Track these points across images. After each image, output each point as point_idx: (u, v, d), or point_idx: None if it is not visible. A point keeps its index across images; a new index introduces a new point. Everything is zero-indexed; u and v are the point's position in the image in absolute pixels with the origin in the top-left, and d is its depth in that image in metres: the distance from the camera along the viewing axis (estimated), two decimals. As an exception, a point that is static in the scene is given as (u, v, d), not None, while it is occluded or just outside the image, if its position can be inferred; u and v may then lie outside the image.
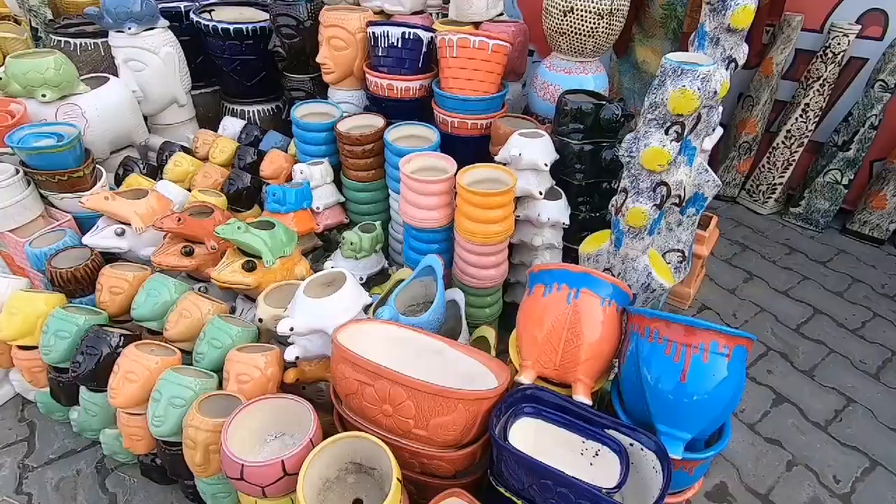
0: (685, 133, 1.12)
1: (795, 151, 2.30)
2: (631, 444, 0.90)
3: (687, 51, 1.33)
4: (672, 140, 1.10)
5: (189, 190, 1.75)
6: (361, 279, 1.58)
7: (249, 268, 1.27)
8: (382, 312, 1.17)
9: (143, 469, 1.23)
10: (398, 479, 0.82)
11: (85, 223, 1.50)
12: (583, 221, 1.53)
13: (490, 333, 1.40)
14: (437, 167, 1.37)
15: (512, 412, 0.95)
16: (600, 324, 0.99)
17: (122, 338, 1.12)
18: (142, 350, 1.08)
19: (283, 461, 0.86)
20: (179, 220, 1.30)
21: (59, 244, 1.34)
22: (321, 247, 1.79)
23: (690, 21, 2.01)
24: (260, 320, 1.19)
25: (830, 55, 2.09)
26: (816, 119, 2.22)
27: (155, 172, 1.86)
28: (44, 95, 1.57)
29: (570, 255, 1.54)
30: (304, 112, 1.78)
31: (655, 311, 0.97)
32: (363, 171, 1.71)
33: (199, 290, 1.36)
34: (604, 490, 0.77)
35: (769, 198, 2.44)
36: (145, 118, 1.93)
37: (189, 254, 1.34)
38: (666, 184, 1.16)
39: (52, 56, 1.54)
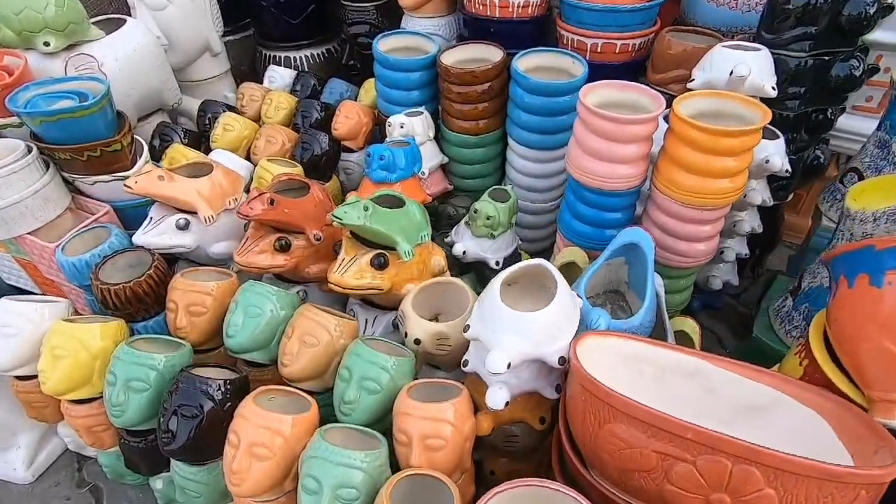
0: None
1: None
2: None
3: None
4: None
5: (249, 160, 1.36)
6: (497, 263, 1.20)
7: (381, 264, 0.89)
8: (598, 320, 0.79)
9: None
10: None
11: (127, 217, 1.11)
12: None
13: (691, 327, 1.03)
14: (628, 102, 0.96)
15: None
16: None
17: (228, 385, 0.76)
18: (261, 405, 0.71)
19: None
20: (272, 201, 0.91)
21: (103, 247, 0.96)
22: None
23: None
24: (417, 342, 0.82)
25: None
26: None
27: (198, 142, 1.45)
28: (46, 44, 1.14)
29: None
30: (387, 46, 1.35)
31: None
32: (477, 120, 1.30)
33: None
34: None
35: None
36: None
37: (285, 248, 0.96)
38: None
39: (51, -13, 1.11)
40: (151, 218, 1.00)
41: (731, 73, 0.95)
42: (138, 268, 0.98)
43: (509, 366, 0.65)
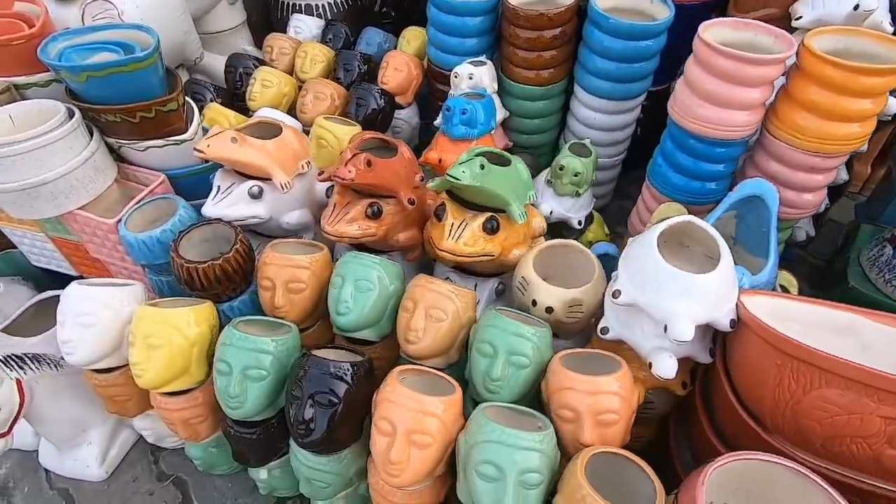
0: None
1: None
2: None
3: None
4: None
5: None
6: (580, 223, 1.14)
7: (493, 228, 0.81)
8: (742, 279, 0.75)
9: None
10: None
11: (180, 186, 0.99)
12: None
13: (789, 280, 1.00)
14: (742, 43, 0.88)
15: None
16: None
17: (358, 368, 0.68)
18: (406, 384, 0.64)
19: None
20: (370, 162, 0.81)
21: (174, 221, 0.85)
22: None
23: None
24: (549, 310, 0.76)
25: None
26: None
27: (229, 101, 1.31)
28: (60, -14, 0.98)
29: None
30: (439, -12, 1.22)
31: None
32: (544, 69, 1.20)
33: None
34: None
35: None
36: (194, 23, 1.33)
37: (377, 214, 0.87)
38: None
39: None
40: (219, 187, 0.89)
41: (857, 6, 0.88)
42: (213, 242, 0.88)
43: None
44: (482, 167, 0.76)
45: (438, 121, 1.24)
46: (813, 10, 0.95)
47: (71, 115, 0.85)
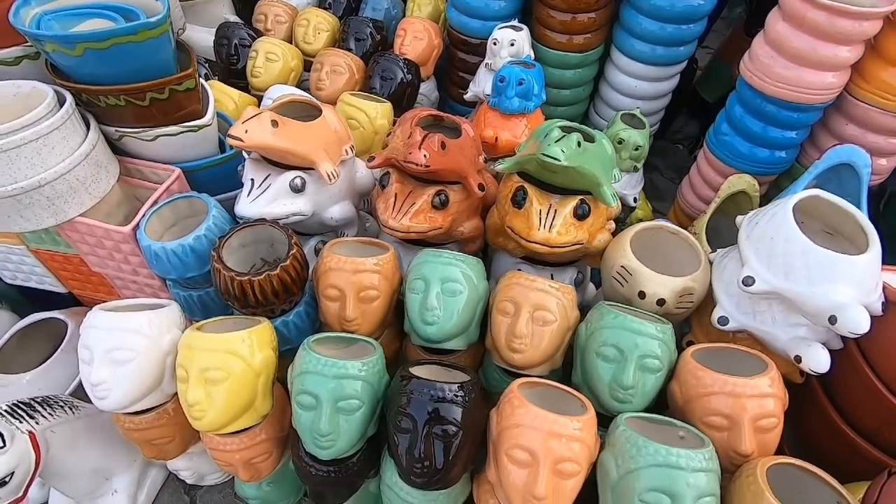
0: None
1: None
2: None
3: None
4: None
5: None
6: (635, 200, 1.06)
7: (584, 214, 0.72)
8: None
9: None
10: None
11: (195, 181, 0.84)
12: None
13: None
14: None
15: None
16: None
17: (471, 387, 0.58)
18: (546, 407, 0.55)
19: None
20: (444, 145, 0.70)
21: (208, 226, 0.70)
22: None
23: None
24: (661, 302, 0.68)
25: None
26: None
27: (224, 77, 1.14)
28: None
29: None
30: (468, -57, 1.09)
31: None
32: (581, 33, 1.11)
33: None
34: None
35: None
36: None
37: (444, 204, 0.76)
38: None
39: None
40: (253, 181, 0.74)
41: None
42: (253, 247, 0.74)
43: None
44: (579, 145, 0.67)
45: (470, 94, 1.13)
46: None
47: (61, 99, 0.68)
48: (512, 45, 1.01)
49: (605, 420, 0.60)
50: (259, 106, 1.06)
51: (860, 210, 0.81)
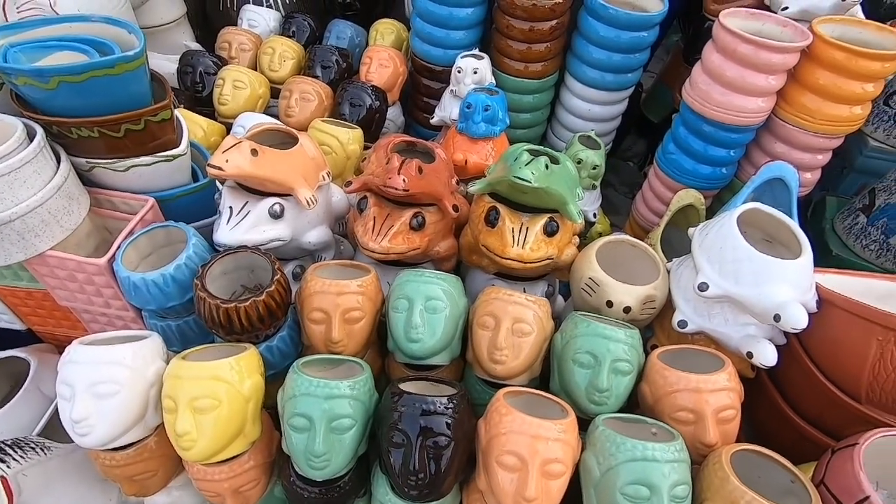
0: None
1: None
2: None
3: None
4: None
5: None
6: (595, 216, 1.13)
7: (553, 230, 0.78)
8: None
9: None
10: None
11: (167, 210, 0.83)
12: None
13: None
14: (754, 30, 0.91)
15: None
16: None
17: (459, 400, 0.61)
18: (535, 414, 0.59)
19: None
20: (421, 169, 0.73)
21: (189, 255, 0.70)
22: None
23: None
24: (627, 310, 0.74)
25: None
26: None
27: (190, 105, 1.14)
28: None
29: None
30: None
31: None
32: (539, 61, 1.18)
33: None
34: None
35: None
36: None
37: (421, 226, 0.79)
38: None
39: None
40: (231, 208, 0.75)
41: (846, -4, 0.95)
42: (234, 274, 0.75)
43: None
44: (547, 167, 0.72)
45: (436, 119, 1.18)
46: (798, 1, 1.02)
47: (31, 132, 0.67)
48: (475, 72, 1.07)
49: (583, 424, 0.64)
50: (228, 133, 1.07)
51: (792, 219, 0.92)
